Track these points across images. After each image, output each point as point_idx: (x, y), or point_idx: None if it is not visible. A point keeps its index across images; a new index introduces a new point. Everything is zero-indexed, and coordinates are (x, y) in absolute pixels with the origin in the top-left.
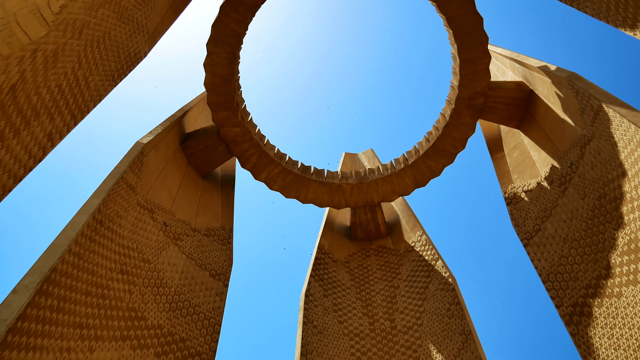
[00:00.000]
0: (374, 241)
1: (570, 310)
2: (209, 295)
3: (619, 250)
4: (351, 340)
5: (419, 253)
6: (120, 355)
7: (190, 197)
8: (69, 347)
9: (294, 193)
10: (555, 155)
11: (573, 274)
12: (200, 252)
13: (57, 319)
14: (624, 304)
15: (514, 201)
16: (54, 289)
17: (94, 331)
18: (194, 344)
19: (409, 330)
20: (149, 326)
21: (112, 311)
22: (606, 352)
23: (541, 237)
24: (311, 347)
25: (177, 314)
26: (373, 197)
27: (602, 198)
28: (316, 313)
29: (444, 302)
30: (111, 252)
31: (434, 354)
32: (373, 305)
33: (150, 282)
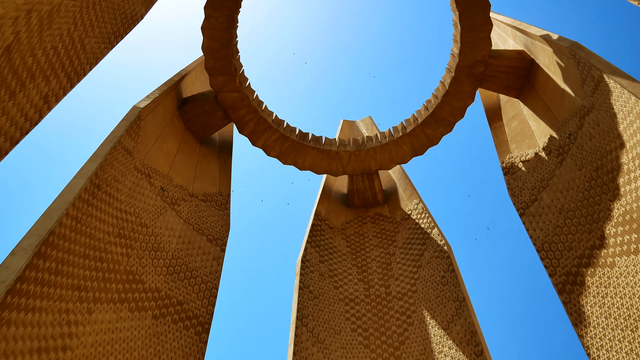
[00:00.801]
0: (370, 209)
1: (563, 279)
2: (206, 259)
3: (613, 221)
4: (346, 305)
5: (415, 221)
6: (119, 317)
7: (187, 162)
8: (67, 309)
9: (292, 160)
10: (554, 125)
11: (567, 243)
12: (198, 217)
13: (55, 281)
14: (616, 274)
15: (511, 171)
16: (52, 252)
17: (92, 293)
18: (191, 307)
19: (404, 296)
20: (147, 289)
21: (110, 274)
22: (597, 320)
23: (537, 207)
24: (307, 312)
25: (175, 278)
26: (370, 165)
27: (599, 169)
28: (312, 278)
29: (438, 269)
30: (109, 216)
31: (427, 320)
32: (368, 271)
33: (147, 246)
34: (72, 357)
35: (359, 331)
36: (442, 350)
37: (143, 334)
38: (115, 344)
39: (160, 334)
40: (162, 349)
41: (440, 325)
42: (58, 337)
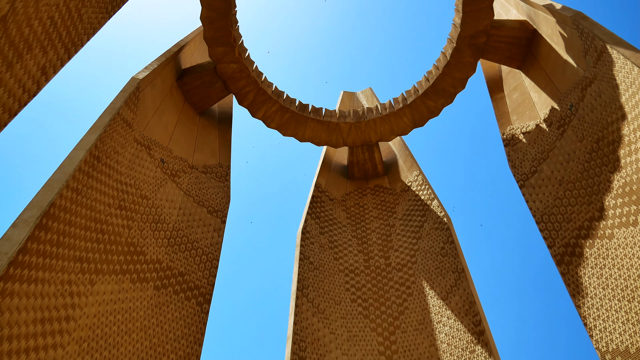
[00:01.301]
0: (370, 180)
1: (561, 250)
2: (206, 231)
3: (613, 192)
4: (346, 276)
5: (415, 192)
6: (120, 288)
7: (187, 134)
8: (70, 280)
9: (292, 131)
10: (555, 96)
11: (567, 215)
12: (198, 188)
13: (57, 253)
14: (614, 245)
15: (512, 142)
16: (54, 224)
17: (94, 265)
18: (192, 278)
19: (403, 267)
20: (148, 261)
21: (111, 246)
22: (594, 291)
23: (537, 179)
24: (307, 283)
25: (176, 249)
26: (371, 137)
27: (600, 141)
28: (312, 250)
29: (438, 240)
30: (109, 188)
31: (427, 291)
32: (368, 243)
33: (148, 217)
34: (76, 327)
35: (358, 301)
36: (441, 320)
37: (145, 304)
38: (118, 314)
39: (162, 305)
40: (164, 319)
41: (439, 296)
42: (61, 307)
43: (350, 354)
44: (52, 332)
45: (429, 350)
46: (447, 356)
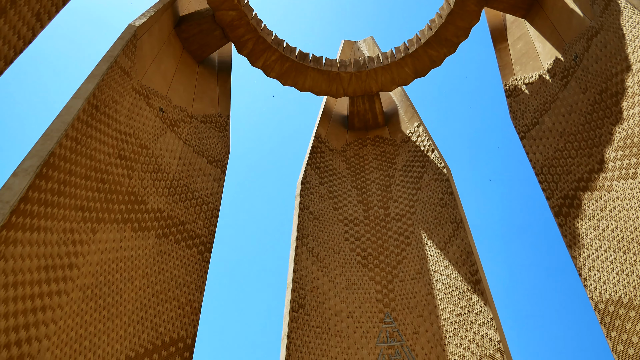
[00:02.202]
0: (370, 131)
1: (560, 202)
2: (207, 181)
3: (614, 145)
4: (346, 226)
5: (415, 143)
6: (122, 237)
7: (186, 83)
8: (72, 229)
9: (292, 81)
10: (560, 47)
11: (566, 167)
12: (198, 138)
13: (58, 202)
14: (612, 198)
15: (514, 94)
16: (54, 173)
17: (96, 214)
18: (193, 227)
19: (402, 217)
20: (149, 210)
21: (112, 195)
22: (591, 242)
23: (538, 131)
24: (307, 232)
25: (176, 199)
26: (372, 87)
27: (604, 92)
28: (312, 200)
29: (437, 191)
30: (108, 137)
31: (425, 241)
32: (368, 193)
33: (148, 167)
34: (79, 275)
35: (357, 251)
36: (438, 269)
37: (147, 252)
38: (120, 262)
39: (164, 253)
40: (165, 267)
41: (437, 246)
42: (64, 255)
43: (348, 302)
44: (56, 279)
45: (426, 299)
46: (444, 304)
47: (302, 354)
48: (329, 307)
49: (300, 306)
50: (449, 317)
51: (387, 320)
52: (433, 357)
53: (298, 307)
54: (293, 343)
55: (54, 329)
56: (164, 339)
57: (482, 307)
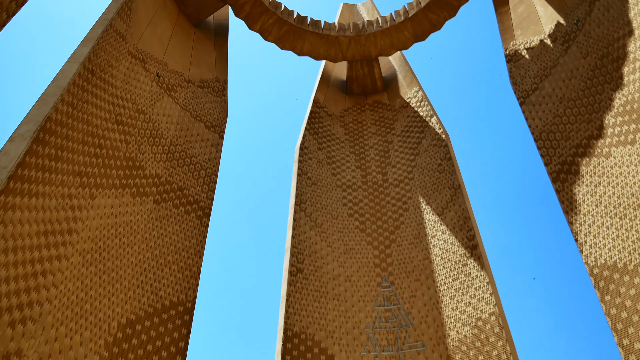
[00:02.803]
0: (369, 96)
1: (558, 168)
2: (204, 146)
3: (614, 110)
4: (344, 191)
5: (414, 109)
6: (121, 202)
7: (182, 47)
8: (70, 194)
9: (290, 45)
10: (562, 11)
11: (565, 133)
12: (195, 103)
13: (56, 167)
14: (611, 164)
15: (515, 58)
16: (51, 138)
17: (94, 179)
18: (191, 192)
19: (400, 183)
20: (147, 175)
21: (110, 160)
22: (587, 208)
23: (538, 96)
24: (305, 197)
25: (174, 164)
26: (371, 51)
27: (605, 58)
28: (310, 165)
29: (435, 157)
30: (105, 102)
31: (423, 206)
32: (366, 159)
33: (146, 132)
34: (78, 240)
35: (355, 216)
36: (436, 234)
37: (146, 217)
38: (119, 227)
39: (163, 218)
40: (164, 232)
41: (435, 211)
42: (63, 220)
43: (346, 266)
44: (55, 244)
45: (423, 263)
46: (441, 269)
47: (300, 317)
48: (327, 272)
49: (299, 270)
50: (446, 281)
51: (385, 284)
52: (429, 321)
53: (296, 271)
54: (292, 307)
55: (55, 293)
56: (164, 302)
57: (478, 272)
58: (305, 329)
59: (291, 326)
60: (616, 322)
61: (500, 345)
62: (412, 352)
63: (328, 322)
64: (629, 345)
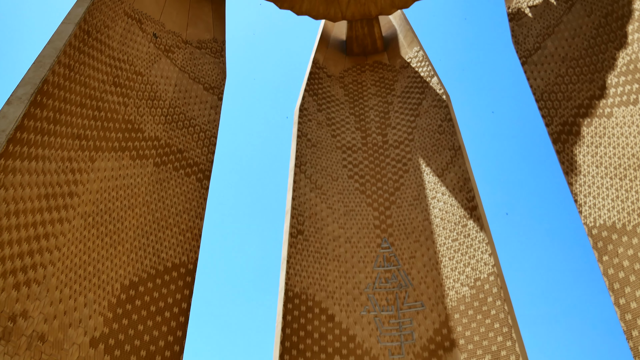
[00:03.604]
0: (369, 56)
1: (559, 129)
2: (203, 108)
3: (617, 70)
4: (344, 153)
5: (415, 69)
6: (121, 165)
7: (179, 6)
8: (70, 157)
9: (288, 4)
10: None
11: (567, 93)
12: (193, 64)
13: (55, 130)
14: (612, 124)
15: (517, 17)
16: (48, 101)
17: (93, 142)
18: (191, 155)
19: (400, 144)
20: (146, 138)
21: (108, 123)
22: (588, 168)
23: (540, 56)
24: (305, 159)
25: (173, 127)
26: (370, 10)
27: (609, 15)
28: (310, 127)
29: (436, 118)
30: (102, 64)
31: (422, 168)
32: (366, 120)
33: (144, 94)
34: (79, 203)
35: (355, 178)
36: (435, 196)
37: (146, 180)
38: (120, 190)
39: (163, 181)
40: (165, 194)
41: (435, 173)
42: (64, 184)
43: (346, 228)
44: (57, 207)
45: (423, 225)
46: (440, 230)
47: (301, 277)
48: (328, 233)
49: (299, 232)
50: (445, 242)
51: (384, 245)
52: (429, 281)
53: (297, 233)
54: (292, 267)
55: (58, 256)
56: (166, 264)
57: (477, 233)
58: (305, 289)
59: (292, 287)
60: (613, 282)
61: (498, 305)
62: (412, 311)
63: (328, 282)
64: (625, 304)
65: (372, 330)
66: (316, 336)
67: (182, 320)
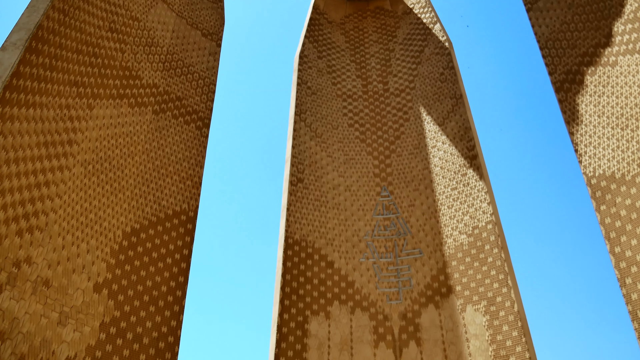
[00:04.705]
0: (371, 2)
1: (562, 77)
2: (202, 54)
3: (623, 18)
4: (344, 101)
5: (417, 15)
6: (119, 113)
7: None
8: (67, 104)
9: None
10: None
11: (572, 41)
12: (191, 10)
13: (51, 77)
14: (616, 73)
15: None
16: (44, 47)
17: (91, 89)
18: (190, 102)
19: (401, 92)
20: (145, 85)
21: (106, 70)
22: (590, 118)
23: (546, 2)
24: (305, 107)
25: (172, 74)
26: None
27: None
28: (310, 74)
29: (438, 66)
30: (97, 9)
31: (423, 116)
32: (367, 67)
33: (141, 41)
34: (79, 151)
35: (355, 126)
36: (436, 145)
37: (145, 128)
38: (119, 138)
39: (162, 129)
40: (165, 142)
41: (436, 122)
42: (62, 131)
43: (346, 176)
44: (56, 155)
45: (422, 173)
46: (440, 179)
47: (301, 225)
48: (327, 181)
49: (299, 180)
50: (444, 190)
51: (384, 193)
52: (427, 229)
53: (297, 181)
54: (292, 215)
55: (60, 203)
56: (167, 211)
57: (477, 182)
58: (305, 236)
59: (292, 234)
60: (610, 231)
61: (495, 253)
62: (410, 258)
63: (328, 230)
64: (620, 253)
65: (371, 277)
66: (316, 282)
67: (183, 266)
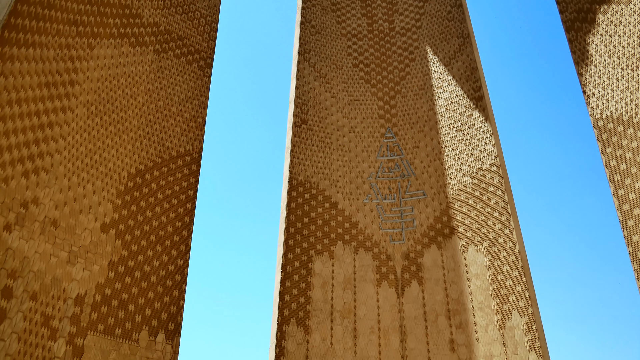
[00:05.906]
0: None
1: (573, 16)
2: None
3: None
4: (349, 40)
5: None
6: (120, 52)
7: None
8: (67, 44)
9: None
10: None
11: None
12: None
13: (50, 16)
14: (629, 12)
15: None
16: None
17: (90, 29)
18: (192, 42)
19: (407, 32)
20: (145, 24)
21: (105, 8)
22: (600, 58)
23: None
24: (309, 47)
25: (172, 12)
26: None
27: None
28: (314, 13)
29: (445, 4)
30: None
31: (430, 56)
32: (372, 5)
33: None
34: (81, 91)
35: (360, 66)
36: (442, 85)
37: (147, 68)
38: (121, 78)
39: (164, 69)
40: (167, 83)
41: (442, 62)
42: (63, 72)
43: (350, 117)
44: (58, 96)
45: (428, 115)
46: (445, 120)
47: (305, 166)
48: (331, 122)
49: (303, 121)
50: (449, 132)
51: (388, 135)
52: (431, 170)
53: (301, 122)
54: (296, 157)
55: (64, 144)
56: (171, 152)
57: (482, 123)
58: (309, 177)
59: (296, 175)
60: (614, 174)
61: (498, 194)
62: (413, 200)
63: (332, 171)
64: (623, 195)
65: (374, 218)
66: (320, 223)
67: (189, 207)
